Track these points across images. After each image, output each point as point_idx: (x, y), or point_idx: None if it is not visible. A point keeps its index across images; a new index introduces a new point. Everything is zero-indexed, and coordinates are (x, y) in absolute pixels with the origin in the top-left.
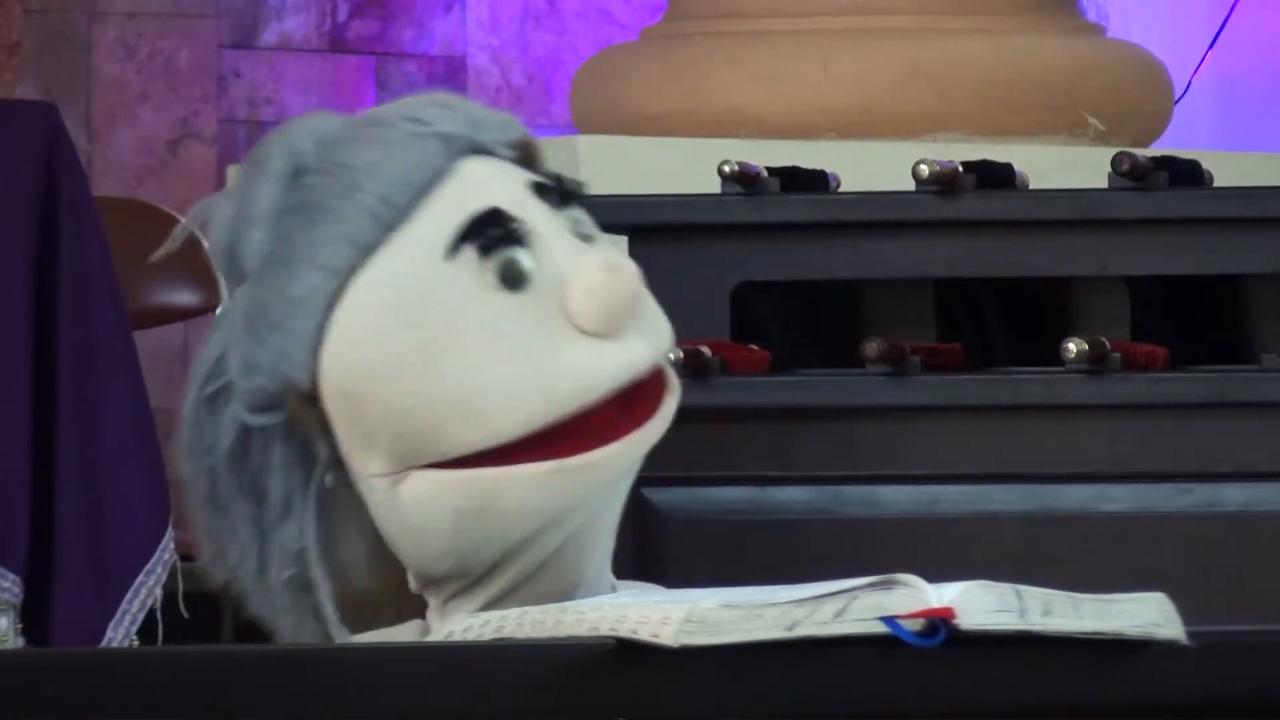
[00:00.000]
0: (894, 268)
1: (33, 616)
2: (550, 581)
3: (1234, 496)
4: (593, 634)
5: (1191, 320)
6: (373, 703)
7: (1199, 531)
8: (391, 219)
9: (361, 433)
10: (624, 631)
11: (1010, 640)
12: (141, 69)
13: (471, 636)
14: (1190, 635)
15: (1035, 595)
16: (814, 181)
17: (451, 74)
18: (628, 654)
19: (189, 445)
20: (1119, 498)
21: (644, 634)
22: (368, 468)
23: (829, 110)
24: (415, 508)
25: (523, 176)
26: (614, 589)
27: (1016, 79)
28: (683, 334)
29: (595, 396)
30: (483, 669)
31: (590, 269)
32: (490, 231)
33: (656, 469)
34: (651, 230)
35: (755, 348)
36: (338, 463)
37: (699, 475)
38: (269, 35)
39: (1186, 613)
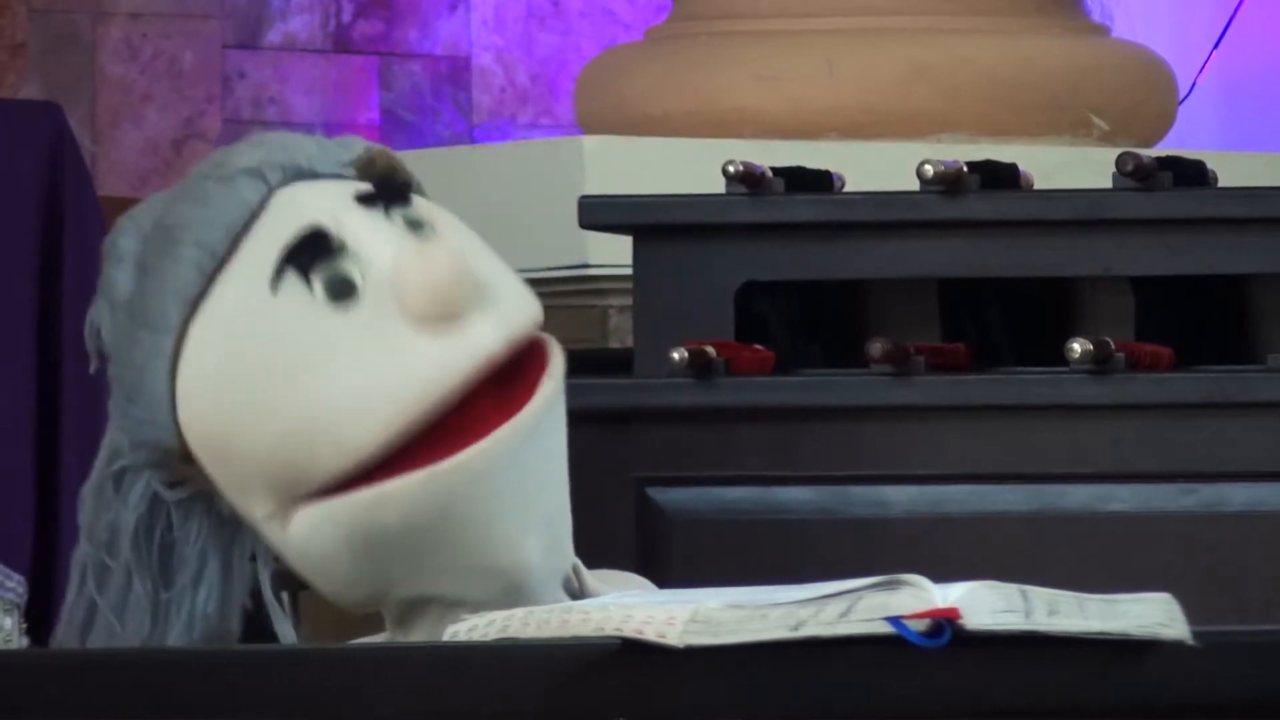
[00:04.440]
0: (898, 268)
1: (37, 616)
2: (492, 575)
3: (1239, 496)
4: (598, 634)
5: (1196, 320)
6: (377, 703)
7: (1204, 532)
8: (212, 266)
9: (235, 479)
10: (629, 632)
11: (1015, 640)
12: (146, 69)
13: (476, 636)
14: (1195, 635)
15: (1040, 595)
16: (818, 182)
17: (456, 74)
18: (633, 654)
19: (87, 523)
20: (1123, 498)
21: (649, 634)
22: (254, 512)
23: (833, 110)
24: (306, 543)
25: (347, 190)
26: (576, 568)
27: (1021, 79)
28: (687, 334)
29: (447, 391)
30: (487, 669)
31: (406, 255)
32: (307, 252)
33: (661, 469)
34: (656, 230)
35: (759, 348)
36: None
37: (703, 475)
38: (273, 35)
39: (1191, 613)
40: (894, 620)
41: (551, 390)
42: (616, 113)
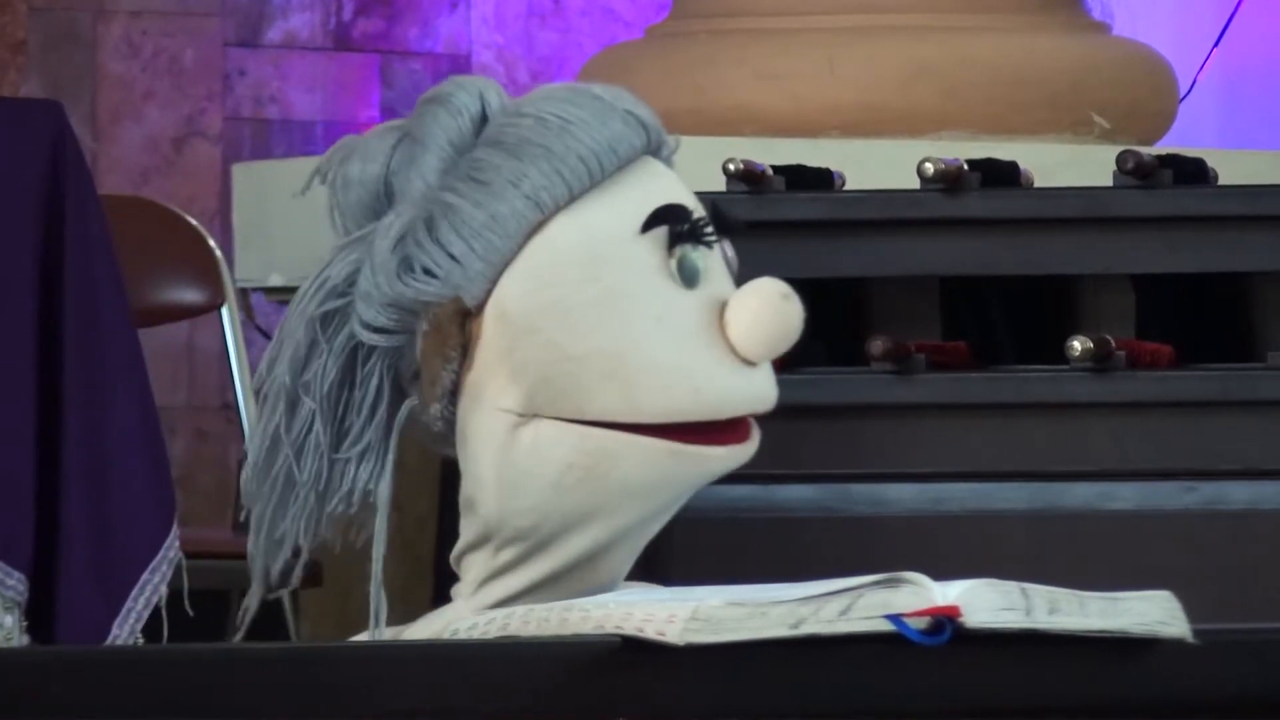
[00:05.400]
0: (899, 266)
1: (38, 614)
2: (587, 578)
3: (1239, 494)
4: (598, 632)
5: (1196, 318)
6: (379, 700)
7: (1204, 530)
8: (599, 177)
9: (511, 364)
10: (629, 629)
11: (1016, 638)
12: (147, 67)
13: (477, 634)
14: (1195, 633)
15: (1041, 593)
16: (819, 180)
17: (456, 72)
18: (633, 652)
19: (291, 357)
20: (1124, 496)
21: (649, 632)
22: (500, 400)
23: (834, 108)
24: (529, 453)
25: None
26: None
27: (1022, 77)
28: None
29: (728, 414)
30: (489, 666)
31: (767, 292)
32: (682, 224)
33: None
34: None
35: None
36: (453, 395)
37: None
38: (274, 33)
39: (1192, 611)
40: (894, 618)
41: (758, 436)
42: None
